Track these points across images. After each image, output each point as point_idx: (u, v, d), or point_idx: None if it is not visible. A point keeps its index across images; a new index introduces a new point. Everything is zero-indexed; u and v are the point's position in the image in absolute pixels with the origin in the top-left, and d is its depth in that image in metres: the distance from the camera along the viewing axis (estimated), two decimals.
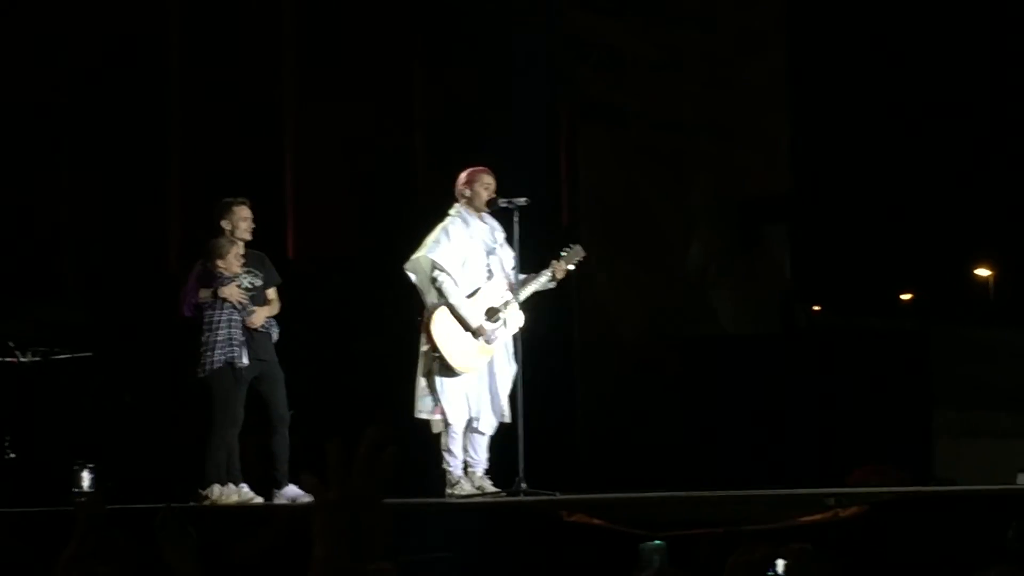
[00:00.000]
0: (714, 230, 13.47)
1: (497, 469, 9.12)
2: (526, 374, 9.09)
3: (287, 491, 9.20)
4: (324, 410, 11.31)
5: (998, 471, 10.80)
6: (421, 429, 9.16)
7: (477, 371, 9.05)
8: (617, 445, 11.80)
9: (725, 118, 13.49)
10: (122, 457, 10.89)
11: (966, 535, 6.27)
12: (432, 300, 9.06)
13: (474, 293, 9.08)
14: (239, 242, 9.27)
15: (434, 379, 9.02)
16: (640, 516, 6.81)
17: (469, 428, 9.11)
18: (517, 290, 9.03)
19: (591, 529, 6.90)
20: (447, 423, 9.03)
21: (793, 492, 7.98)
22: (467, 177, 9.22)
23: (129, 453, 11.32)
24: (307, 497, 9.16)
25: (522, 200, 9.05)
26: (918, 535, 6.41)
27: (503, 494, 8.84)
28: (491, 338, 9.03)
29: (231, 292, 9.13)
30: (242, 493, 9.10)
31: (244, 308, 9.16)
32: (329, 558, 2.67)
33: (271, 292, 9.48)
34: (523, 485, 8.74)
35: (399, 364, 9.49)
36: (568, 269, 9.21)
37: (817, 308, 15.07)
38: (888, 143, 15.41)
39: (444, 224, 9.15)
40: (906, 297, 20.16)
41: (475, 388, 9.06)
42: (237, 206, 9.34)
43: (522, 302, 9.08)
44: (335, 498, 2.65)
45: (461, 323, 8.99)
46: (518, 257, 9.09)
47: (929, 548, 6.30)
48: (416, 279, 9.13)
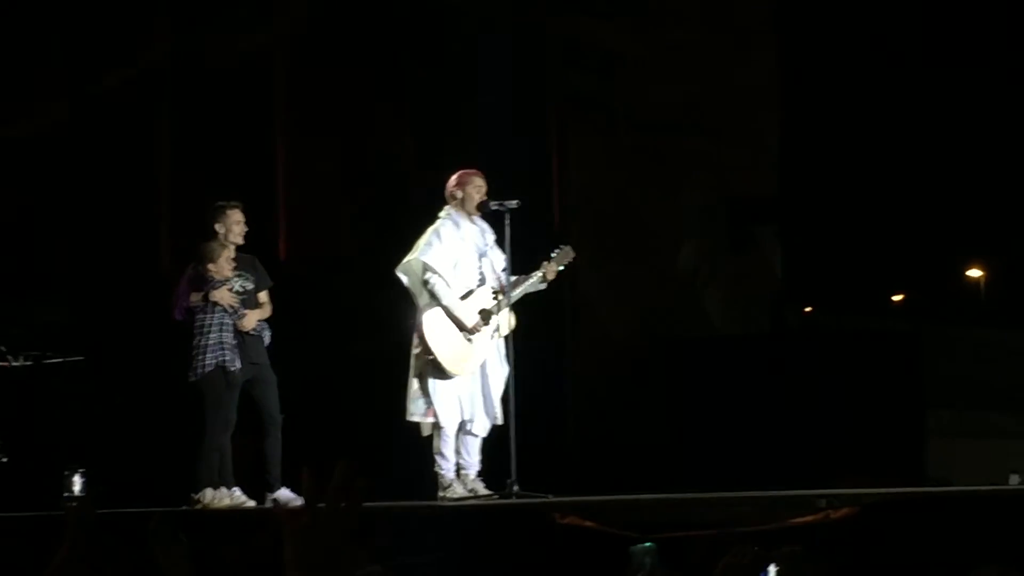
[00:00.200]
0: (704, 231, 13.48)
1: (489, 471, 9.12)
2: (517, 376, 9.08)
3: (279, 494, 9.20)
4: (316, 413, 11.31)
5: (990, 471, 10.83)
6: (413, 432, 9.16)
7: (469, 373, 9.05)
8: (609, 447, 11.80)
9: (715, 119, 13.49)
10: (114, 461, 10.88)
11: (958, 536, 6.28)
12: (424, 302, 9.06)
13: (467, 295, 9.08)
14: (230, 246, 9.26)
15: (426, 381, 9.01)
16: (631, 518, 6.81)
17: (462, 430, 9.11)
18: (509, 292, 9.03)
19: (583, 531, 6.89)
20: (439, 425, 9.02)
21: (784, 493, 7.98)
22: (458, 180, 9.21)
23: (121, 457, 11.31)
24: (299, 501, 9.17)
25: (513, 203, 9.05)
26: (910, 536, 6.41)
27: (495, 496, 8.84)
28: (484, 340, 9.02)
29: (222, 296, 9.12)
30: (234, 497, 9.09)
31: (236, 312, 9.15)
32: None
33: (263, 295, 9.47)
34: (515, 487, 8.74)
35: (391, 367, 9.48)
36: (558, 270, 9.21)
37: (808, 308, 15.07)
38: (878, 143, 15.40)
39: (435, 226, 9.14)
40: (898, 297, 20.16)
41: (468, 390, 9.06)
42: (231, 209, 9.33)
43: (513, 304, 9.08)
44: (307, 524, 2.65)
45: (456, 324, 8.99)
46: (509, 259, 9.08)
47: (921, 549, 6.30)
48: (408, 282, 9.13)
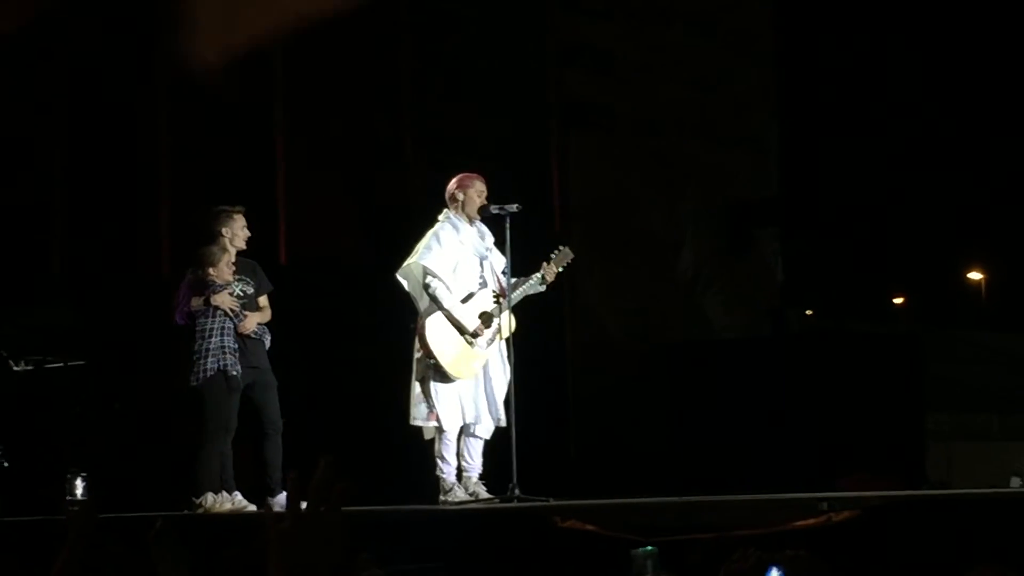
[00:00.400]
0: (705, 234, 13.48)
1: (490, 475, 9.12)
2: (518, 380, 9.08)
3: (280, 498, 9.19)
4: (316, 418, 11.31)
5: (990, 474, 10.82)
6: (414, 436, 9.16)
7: (472, 376, 9.05)
8: (609, 450, 11.80)
9: (715, 121, 13.51)
10: (115, 466, 10.88)
11: (961, 539, 6.27)
12: (425, 306, 9.06)
13: (467, 298, 9.08)
14: (231, 250, 9.27)
15: (428, 385, 9.01)
16: (632, 521, 6.79)
17: (466, 433, 9.11)
18: (509, 294, 9.03)
19: (584, 535, 6.89)
20: (441, 429, 9.02)
21: (786, 497, 7.98)
22: (458, 183, 9.21)
23: (122, 461, 11.31)
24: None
25: (514, 206, 9.04)
26: (911, 539, 6.41)
27: (496, 500, 8.84)
28: (485, 342, 9.03)
29: (223, 300, 9.12)
30: (236, 501, 9.09)
31: (236, 316, 9.16)
32: None
33: (263, 299, 9.47)
34: (516, 491, 8.73)
35: (392, 371, 9.48)
36: (557, 271, 9.20)
37: (809, 312, 15.08)
38: (879, 146, 15.42)
39: (434, 230, 9.14)
40: (898, 300, 20.19)
41: (470, 393, 9.05)
42: (236, 214, 9.34)
43: (513, 306, 9.08)
44: (290, 528, 2.65)
45: (457, 327, 8.99)
46: (509, 262, 9.08)
47: (923, 552, 6.30)
48: (408, 286, 9.13)
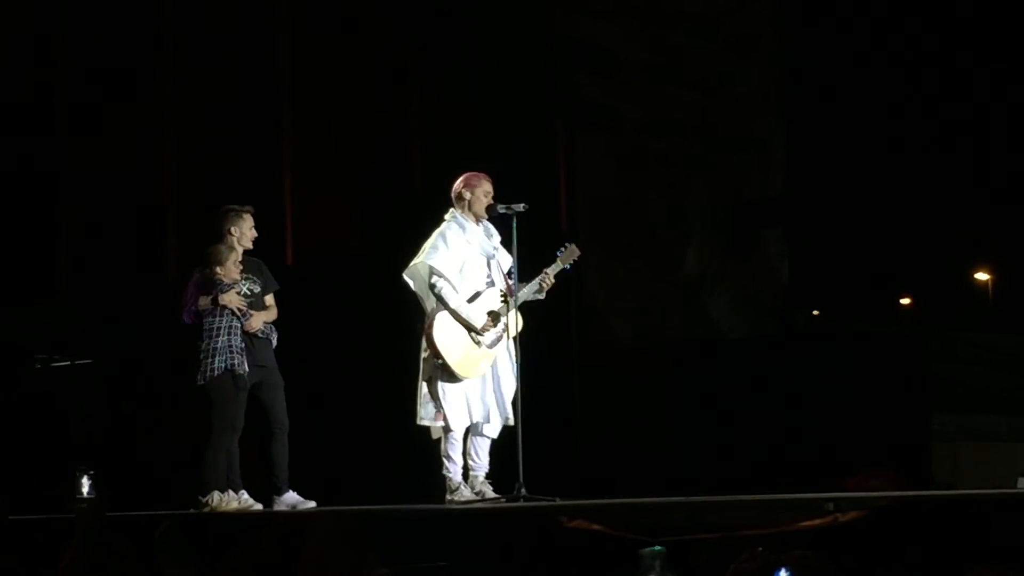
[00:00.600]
0: (711, 234, 13.48)
1: (496, 475, 9.13)
2: (524, 379, 9.09)
3: (287, 498, 9.21)
4: (323, 417, 11.32)
5: (997, 475, 10.81)
6: (420, 435, 9.17)
7: (479, 376, 9.06)
8: (616, 450, 11.80)
9: (721, 122, 13.51)
10: (122, 464, 10.90)
11: (967, 539, 6.27)
12: (432, 306, 9.07)
13: (474, 298, 9.08)
14: (238, 249, 9.28)
15: (435, 385, 9.02)
16: (640, 521, 6.79)
17: (473, 432, 9.12)
18: (516, 293, 9.04)
19: (591, 535, 6.89)
20: (448, 429, 9.03)
21: (792, 497, 7.98)
22: (465, 182, 9.21)
23: (129, 460, 11.34)
24: (307, 504, 9.18)
25: (520, 206, 9.05)
26: (918, 540, 6.41)
27: (503, 500, 8.85)
28: (493, 342, 9.04)
29: (230, 299, 9.13)
30: (242, 500, 9.10)
31: (244, 315, 9.17)
32: None
33: (268, 298, 9.48)
34: (522, 491, 8.74)
35: (399, 370, 9.48)
36: (562, 268, 9.21)
37: (815, 312, 15.07)
38: (885, 146, 15.40)
39: (441, 230, 9.15)
40: (905, 301, 20.16)
41: (478, 392, 9.06)
42: (244, 214, 9.35)
43: (520, 306, 9.09)
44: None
45: (464, 326, 9.00)
46: (516, 261, 9.09)
47: (929, 552, 6.30)
48: (415, 286, 9.14)
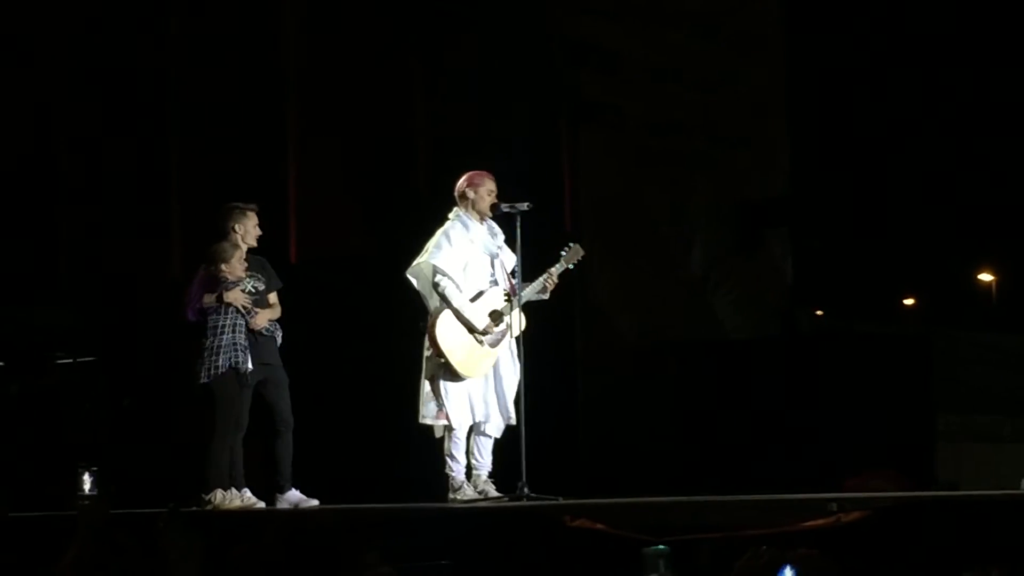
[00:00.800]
0: (715, 234, 13.47)
1: (499, 474, 9.13)
2: (528, 378, 9.09)
3: (289, 495, 9.21)
4: (326, 415, 11.32)
5: (1000, 476, 10.80)
6: (423, 433, 9.17)
7: (482, 375, 9.06)
8: (619, 449, 11.80)
9: (725, 121, 13.50)
10: (125, 461, 10.90)
11: (970, 540, 6.27)
12: (435, 305, 9.07)
13: (477, 297, 9.08)
14: (243, 247, 9.28)
15: (438, 384, 9.02)
16: (643, 521, 6.80)
17: (476, 431, 9.12)
18: (519, 293, 9.04)
19: (594, 534, 6.89)
20: (450, 428, 9.03)
21: (795, 497, 7.98)
22: (468, 181, 9.22)
23: (132, 457, 11.34)
24: (310, 502, 9.18)
25: (524, 205, 9.06)
26: (921, 541, 6.40)
27: (505, 499, 8.84)
28: (496, 341, 9.04)
29: (236, 296, 9.13)
30: (245, 498, 9.10)
31: (249, 312, 9.17)
32: None
33: (272, 296, 9.48)
34: (525, 490, 8.74)
35: (402, 369, 9.49)
36: (568, 268, 9.22)
37: (819, 312, 15.07)
38: (890, 146, 15.40)
39: (444, 228, 9.15)
40: (908, 301, 20.17)
41: (480, 392, 9.07)
42: (249, 212, 9.35)
43: (523, 305, 9.09)
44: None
45: (466, 326, 9.00)
46: (520, 260, 9.09)
47: (932, 553, 6.29)
48: (418, 284, 9.14)
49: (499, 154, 10.72)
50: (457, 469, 9.06)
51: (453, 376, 9.01)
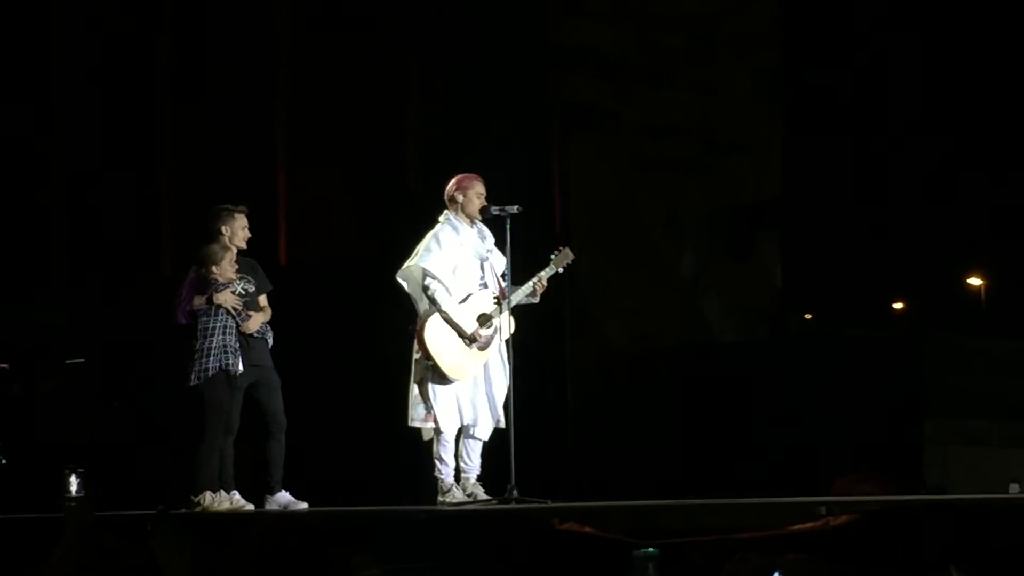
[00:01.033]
0: (706, 237, 13.49)
1: (489, 477, 9.12)
2: (517, 381, 9.09)
3: (279, 497, 9.20)
4: (316, 418, 11.31)
5: (988, 479, 10.83)
6: (413, 436, 9.16)
7: (470, 378, 9.05)
8: (608, 452, 11.81)
9: (718, 125, 13.52)
10: (114, 463, 10.89)
11: (957, 544, 6.28)
12: (424, 308, 9.06)
13: (466, 299, 9.08)
14: (233, 249, 9.26)
15: (427, 387, 9.02)
16: (632, 524, 6.80)
17: (465, 434, 9.11)
18: (509, 296, 9.04)
19: (583, 537, 6.89)
20: (439, 430, 9.03)
21: (784, 500, 7.99)
22: (458, 184, 9.21)
23: (121, 459, 11.32)
24: (299, 504, 9.17)
25: (514, 208, 9.05)
26: (909, 544, 6.42)
27: (494, 502, 8.84)
28: (484, 344, 9.04)
29: (226, 298, 9.11)
30: (234, 500, 9.08)
31: (239, 314, 9.15)
32: None
33: (262, 299, 9.47)
34: (514, 493, 8.74)
35: (391, 371, 9.48)
36: (557, 271, 9.22)
37: (808, 316, 15.10)
38: (881, 152, 15.43)
39: (434, 232, 9.15)
40: (898, 305, 20.20)
41: (470, 394, 9.06)
42: (238, 214, 9.33)
43: (512, 308, 9.08)
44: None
45: (455, 329, 9.00)
46: (510, 263, 9.09)
47: (920, 557, 6.31)
48: (408, 288, 9.13)
49: (491, 156, 10.73)
50: (446, 472, 9.06)
51: (441, 379, 9.00)
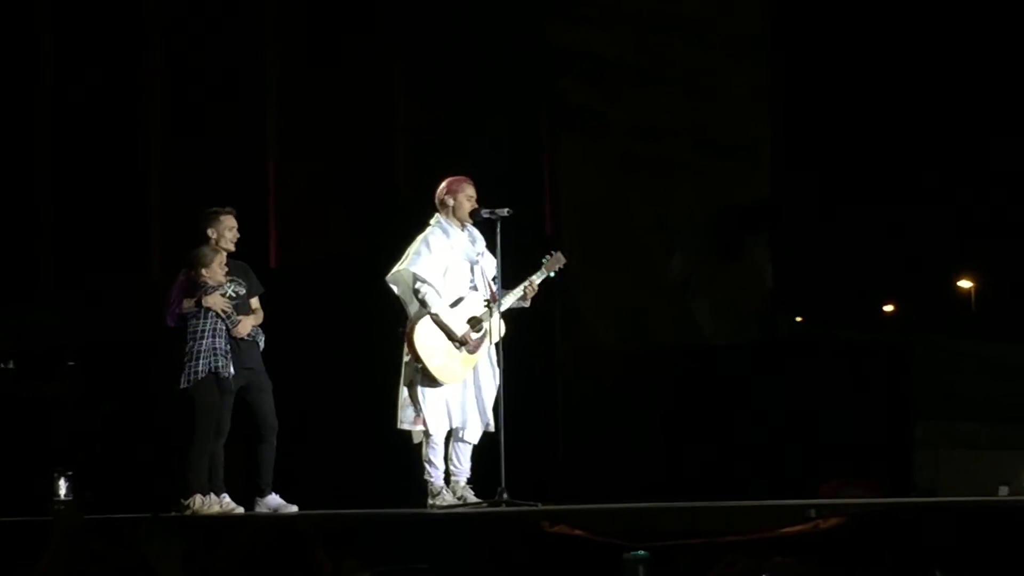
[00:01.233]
0: (696, 239, 13.49)
1: (479, 479, 9.12)
2: (507, 384, 9.08)
3: (269, 500, 9.19)
4: (306, 421, 11.30)
5: (978, 482, 10.84)
6: (403, 439, 9.16)
7: (460, 381, 9.05)
8: (599, 455, 11.81)
9: (707, 127, 13.52)
10: (104, 466, 10.87)
11: (946, 547, 6.28)
12: (415, 311, 9.06)
13: (457, 303, 9.08)
14: (223, 251, 9.25)
15: (416, 390, 9.01)
16: (622, 527, 6.80)
17: (454, 437, 9.12)
18: (499, 299, 9.04)
19: (573, 540, 6.89)
20: (428, 433, 9.03)
21: (774, 503, 7.99)
22: (448, 187, 9.20)
23: (111, 462, 11.30)
24: (289, 507, 9.17)
25: (504, 211, 9.05)
26: (898, 547, 6.42)
27: (484, 504, 8.84)
28: (474, 347, 9.03)
29: (215, 301, 9.10)
30: (224, 503, 9.08)
31: (229, 317, 9.14)
32: None
33: (254, 301, 9.46)
34: (504, 495, 8.74)
35: (381, 374, 9.48)
36: (549, 276, 9.22)
37: (799, 318, 15.10)
38: (871, 153, 15.44)
39: (424, 235, 9.14)
40: (888, 308, 20.21)
41: (459, 398, 9.06)
42: (224, 215, 9.32)
43: (503, 312, 9.08)
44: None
45: (445, 332, 8.99)
46: (500, 266, 9.08)
47: (909, 560, 6.31)
48: (398, 291, 9.13)
49: (481, 158, 10.73)
50: (436, 475, 9.05)
51: (431, 382, 9.00)
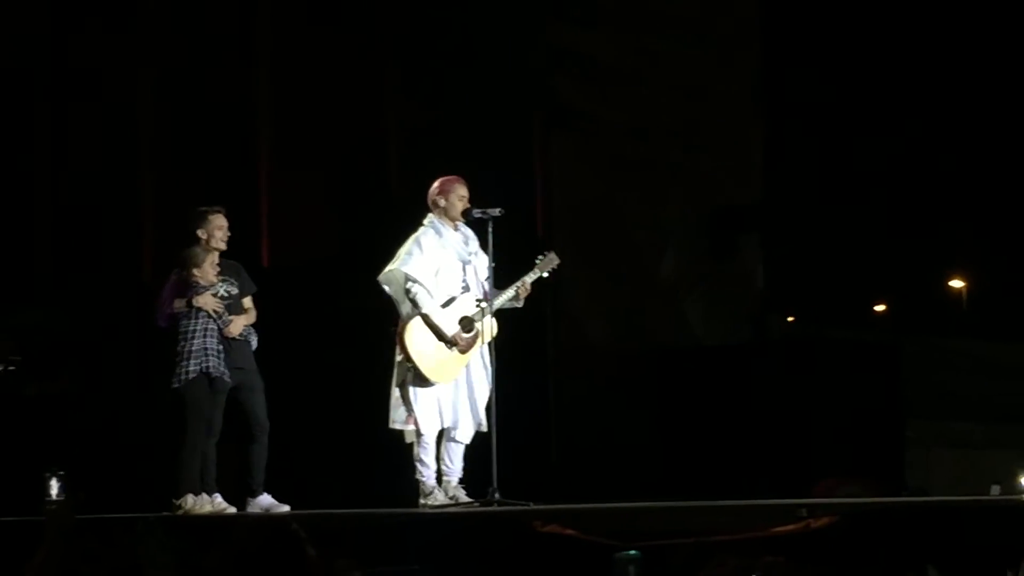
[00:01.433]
0: (687, 239, 13.49)
1: (470, 479, 9.13)
2: (499, 384, 9.09)
3: (261, 500, 9.19)
4: (298, 420, 11.29)
5: (970, 482, 10.85)
6: (395, 439, 9.16)
7: (452, 381, 9.06)
8: (591, 455, 11.81)
9: (699, 127, 13.52)
10: (96, 466, 10.86)
11: (938, 547, 6.29)
12: (407, 311, 9.06)
13: (448, 303, 9.08)
14: (214, 251, 9.25)
15: (408, 389, 9.02)
16: (613, 526, 6.81)
17: (446, 437, 9.12)
18: (491, 299, 9.04)
19: (565, 539, 6.90)
20: (419, 433, 9.03)
21: (765, 503, 8.00)
22: (440, 187, 9.21)
23: (103, 462, 11.29)
24: (281, 507, 9.16)
25: (496, 211, 9.06)
26: (890, 546, 6.43)
27: (476, 504, 8.85)
28: (466, 347, 9.04)
29: (206, 301, 9.10)
30: (215, 503, 9.08)
31: (220, 317, 9.13)
32: None
33: (247, 301, 9.45)
34: (496, 495, 8.74)
35: (373, 374, 9.48)
36: (542, 276, 9.22)
37: (790, 318, 15.10)
38: (862, 152, 15.45)
39: (417, 235, 9.15)
40: (879, 308, 20.21)
41: (451, 397, 9.07)
42: (213, 215, 9.31)
43: (495, 312, 9.09)
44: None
45: (436, 333, 8.99)
46: (492, 266, 9.09)
47: (901, 559, 6.32)
48: (390, 291, 9.13)
49: (473, 158, 10.73)
50: (427, 475, 9.05)
51: (423, 382, 9.00)
